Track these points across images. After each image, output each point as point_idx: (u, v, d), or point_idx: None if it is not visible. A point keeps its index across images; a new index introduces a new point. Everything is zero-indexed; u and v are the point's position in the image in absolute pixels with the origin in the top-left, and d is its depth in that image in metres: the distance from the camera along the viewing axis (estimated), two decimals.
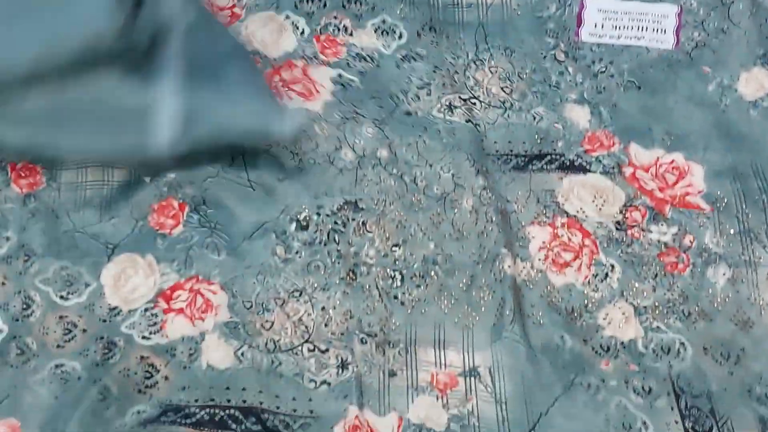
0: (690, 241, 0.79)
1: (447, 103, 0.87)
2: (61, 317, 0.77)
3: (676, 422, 0.72)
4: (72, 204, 0.83)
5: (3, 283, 0.79)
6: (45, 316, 0.77)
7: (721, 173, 0.82)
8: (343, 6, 0.93)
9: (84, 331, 0.77)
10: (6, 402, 0.74)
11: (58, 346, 0.76)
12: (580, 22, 0.90)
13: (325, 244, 0.80)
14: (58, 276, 0.79)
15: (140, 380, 0.74)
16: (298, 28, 0.92)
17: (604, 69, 0.89)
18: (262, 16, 0.92)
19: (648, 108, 0.87)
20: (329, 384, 0.74)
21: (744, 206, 0.81)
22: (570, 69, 0.89)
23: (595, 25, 0.90)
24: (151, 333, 0.76)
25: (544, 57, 0.89)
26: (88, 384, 0.74)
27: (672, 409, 0.73)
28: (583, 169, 0.83)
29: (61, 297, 0.78)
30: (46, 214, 0.82)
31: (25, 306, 0.78)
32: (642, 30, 0.90)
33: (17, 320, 0.77)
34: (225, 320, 0.77)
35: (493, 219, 0.80)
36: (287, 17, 0.92)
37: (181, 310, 0.77)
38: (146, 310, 0.77)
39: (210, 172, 0.83)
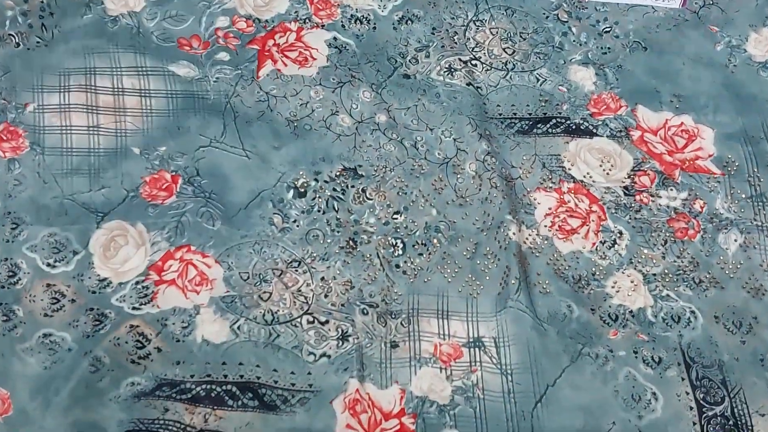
0: (700, 207, 0.79)
1: (447, 66, 0.87)
2: (48, 285, 0.77)
3: (687, 393, 0.72)
4: (59, 170, 0.82)
5: None
6: (32, 283, 0.76)
7: (731, 136, 0.82)
8: None
9: (72, 301, 0.76)
10: None
11: (46, 315, 0.76)
12: None
13: (323, 212, 0.80)
14: (45, 243, 0.78)
15: (132, 350, 0.74)
16: None
17: (609, 29, 0.88)
18: None
19: (655, 69, 0.86)
20: (329, 357, 0.74)
21: (756, 170, 0.81)
22: (574, 29, 0.89)
23: None
24: (141, 304, 0.75)
25: (547, 17, 0.89)
26: (79, 355, 0.74)
27: (683, 379, 0.72)
28: (589, 133, 0.83)
29: (48, 264, 0.77)
30: (33, 180, 0.80)
31: (11, 273, 0.77)
32: None
33: (3, 287, 0.76)
34: (221, 294, 0.76)
35: (497, 185, 0.80)
36: None
37: (172, 282, 0.77)
38: (137, 283, 0.76)
39: (202, 141, 0.83)
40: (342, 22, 0.89)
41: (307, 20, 0.89)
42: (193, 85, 0.86)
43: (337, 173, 0.81)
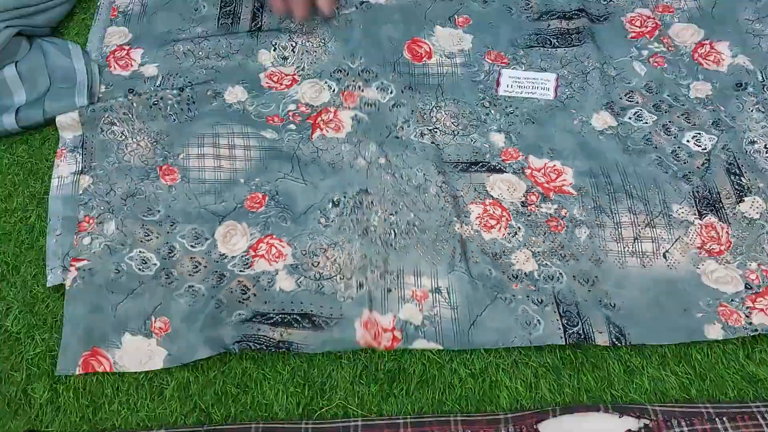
0: (564, 213, 0.79)
1: (420, 132, 0.86)
2: (191, 258, 0.78)
3: (557, 320, 0.72)
4: (198, 191, 0.83)
5: (157, 237, 0.79)
6: (182, 258, 0.78)
7: (583, 173, 0.82)
8: (359, 74, 0.91)
9: (205, 267, 0.77)
10: (160, 307, 0.74)
11: (190, 275, 0.76)
12: (498, 84, 0.89)
13: (349, 215, 0.80)
14: (189, 233, 0.79)
15: (239, 296, 0.75)
16: (330, 88, 0.90)
17: (512, 111, 0.87)
18: (311, 81, 0.91)
19: (539, 134, 0.85)
20: (352, 298, 0.75)
21: (596, 192, 0.80)
22: (492, 111, 0.87)
23: (507, 86, 0.89)
24: (244, 268, 0.77)
25: (477, 105, 0.88)
26: (209, 299, 0.75)
27: (554, 312, 0.73)
28: (501, 171, 0.82)
29: (191, 246, 0.79)
30: (183, 198, 0.82)
31: (169, 251, 0.78)
32: (535, 88, 0.88)
33: (165, 259, 0.78)
34: (290, 263, 0.77)
35: (449, 200, 0.80)
36: (325, 82, 0.91)
37: (262, 256, 0.78)
38: (242, 256, 0.78)
39: (279, 175, 0.84)
40: (360, 105, 0.89)
41: (340, 105, 0.89)
42: (275, 143, 0.86)
43: (356, 192, 0.81)
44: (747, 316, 0.72)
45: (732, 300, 0.73)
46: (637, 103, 0.87)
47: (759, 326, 0.71)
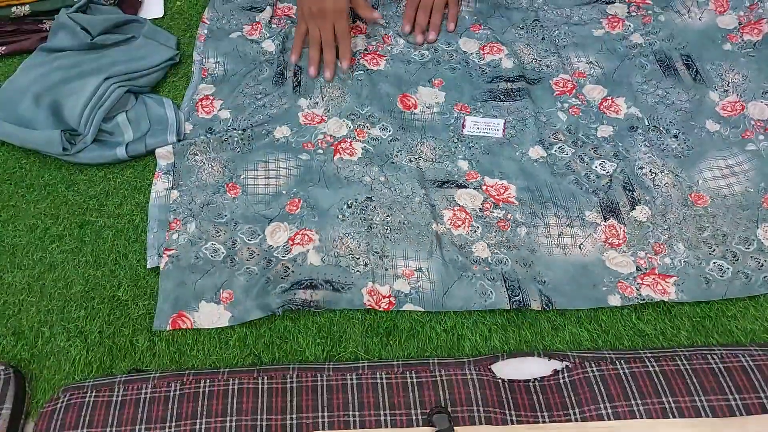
0: (509, 216, 0.78)
1: (409, 159, 0.85)
2: (248, 248, 0.77)
3: (504, 292, 0.71)
4: (252, 202, 0.82)
5: (224, 234, 0.78)
6: (241, 248, 0.77)
7: (522, 189, 0.81)
8: (367, 118, 0.90)
9: (258, 254, 0.77)
10: (226, 283, 0.73)
11: (247, 260, 0.76)
12: (463, 126, 0.88)
13: (358, 215, 0.79)
14: (247, 231, 0.79)
15: (282, 273, 0.74)
16: (347, 125, 0.89)
17: (473, 145, 0.86)
18: (335, 120, 0.90)
19: (492, 162, 0.83)
20: (360, 272, 0.74)
21: (532, 202, 0.79)
22: (459, 145, 0.86)
23: (470, 128, 0.88)
24: (285, 254, 0.76)
25: (448, 141, 0.87)
26: (260, 277, 0.74)
27: (502, 286, 0.72)
28: (465, 187, 0.81)
29: (248, 240, 0.78)
30: (243, 206, 0.81)
31: (232, 243, 0.78)
32: (489, 130, 0.87)
33: (230, 249, 0.77)
34: (316, 245, 0.76)
35: (429, 207, 0.79)
36: (343, 121, 0.90)
37: (298, 243, 0.77)
38: (284, 245, 0.77)
39: (310, 185, 0.82)
40: (367, 139, 0.87)
41: (353, 138, 0.88)
42: (307, 163, 0.85)
43: (363, 199, 0.80)
44: (638, 290, 0.71)
45: (627, 278, 0.72)
46: (561, 140, 0.86)
47: (646, 297, 0.70)
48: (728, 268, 0.71)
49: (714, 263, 0.72)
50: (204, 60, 0.99)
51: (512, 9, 1.03)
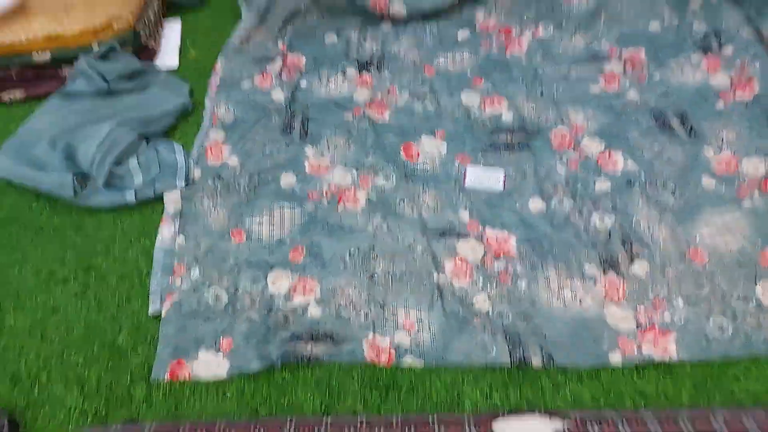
0: (510, 268, 0.77)
1: (411, 208, 0.84)
2: (250, 295, 0.75)
3: (505, 346, 0.69)
4: (256, 248, 0.80)
5: (227, 280, 0.76)
6: (243, 295, 0.75)
7: (523, 240, 0.80)
8: (371, 167, 0.89)
9: (259, 302, 0.75)
10: (226, 331, 0.72)
11: (249, 307, 0.74)
12: (465, 177, 0.88)
13: (360, 264, 0.78)
14: (249, 278, 0.77)
15: (282, 322, 0.73)
16: (352, 174, 0.89)
17: (474, 195, 0.86)
18: (340, 170, 0.89)
19: (493, 213, 0.83)
20: (360, 322, 0.72)
21: (532, 254, 0.78)
22: (461, 197, 0.86)
23: (471, 179, 0.87)
24: (287, 302, 0.74)
25: (450, 191, 0.86)
26: (261, 325, 0.72)
27: (503, 340, 0.70)
28: (467, 237, 0.80)
29: (250, 287, 0.76)
30: (246, 252, 0.80)
31: (235, 290, 0.76)
32: (491, 182, 0.86)
33: (232, 295, 0.75)
34: (317, 296, 0.75)
35: (430, 257, 0.78)
36: (349, 171, 0.89)
37: (300, 292, 0.75)
38: (286, 294, 0.75)
39: (314, 234, 0.81)
40: (371, 188, 0.87)
41: (358, 187, 0.87)
42: (312, 211, 0.84)
43: (366, 248, 0.79)
44: (638, 347, 0.69)
45: (628, 334, 0.70)
46: (560, 193, 0.85)
47: (647, 356, 0.68)
48: (728, 327, 0.69)
49: (714, 321, 0.70)
50: (215, 107, 0.99)
51: (512, 65, 1.04)
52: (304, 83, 1.03)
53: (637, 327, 0.70)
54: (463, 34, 1.11)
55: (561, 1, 1.09)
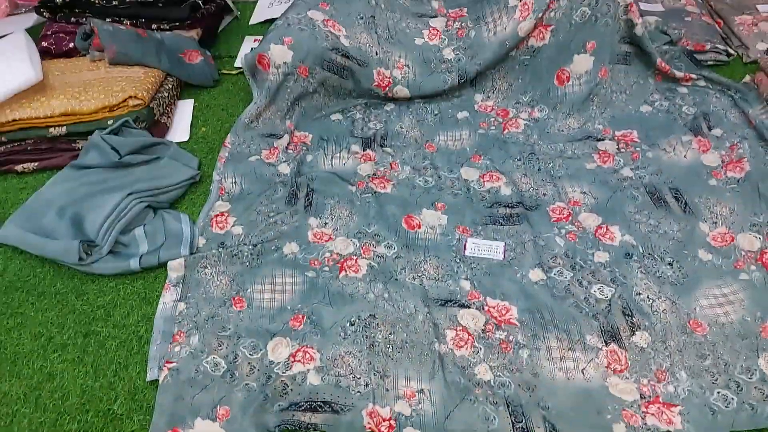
0: (511, 338, 0.80)
1: (412, 277, 0.88)
2: (249, 363, 0.78)
3: (508, 417, 0.71)
4: (257, 316, 0.84)
5: (227, 347, 0.79)
6: (242, 363, 0.78)
7: (523, 310, 0.83)
8: (373, 237, 0.95)
9: (258, 370, 0.78)
10: (223, 399, 0.74)
11: (247, 376, 0.77)
12: (465, 248, 0.92)
13: (361, 332, 0.81)
14: (249, 345, 0.80)
15: (281, 390, 0.75)
16: (354, 244, 0.94)
17: (475, 266, 0.90)
18: (342, 239, 0.94)
19: (493, 283, 0.87)
20: (361, 393, 0.74)
21: (533, 324, 0.81)
22: (462, 266, 0.90)
23: (471, 249, 0.91)
24: (286, 370, 0.77)
25: (451, 261, 0.90)
26: (259, 393, 0.75)
27: (505, 411, 0.72)
28: (468, 307, 0.83)
29: (250, 354, 0.79)
30: (247, 319, 0.83)
31: (234, 357, 0.79)
32: (489, 252, 0.91)
33: (231, 363, 0.78)
34: (317, 364, 0.77)
35: (432, 327, 0.81)
36: (351, 240, 0.94)
37: (299, 360, 0.78)
38: (285, 362, 0.78)
39: (314, 302, 0.85)
40: (373, 257, 0.91)
41: (359, 256, 0.91)
42: (313, 280, 0.88)
43: (367, 316, 0.82)
44: (643, 419, 0.71)
45: (631, 406, 0.72)
46: (559, 264, 0.90)
47: (652, 426, 0.70)
48: (733, 399, 0.72)
49: (718, 393, 0.73)
50: (222, 180, 1.07)
51: (510, 143, 1.14)
52: (309, 158, 1.12)
53: (641, 398, 0.73)
54: (462, 115, 1.22)
55: (555, 87, 1.21)
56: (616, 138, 1.14)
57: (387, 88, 1.22)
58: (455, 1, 1.34)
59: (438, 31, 1.29)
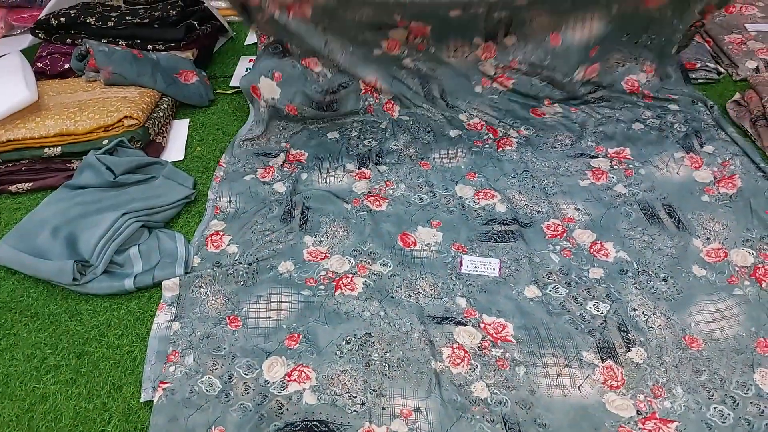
0: (508, 355, 0.81)
1: (408, 294, 0.89)
2: (244, 383, 0.79)
3: None
4: (252, 335, 0.85)
5: (222, 367, 0.80)
6: (237, 382, 0.79)
7: (519, 327, 0.84)
8: (368, 254, 0.96)
9: (253, 389, 0.78)
10: (218, 419, 0.74)
11: (242, 395, 0.77)
12: (461, 265, 0.93)
13: (357, 351, 0.81)
14: (244, 365, 0.81)
15: (276, 410, 0.75)
16: (350, 262, 0.95)
17: (471, 283, 0.90)
18: (338, 257, 0.96)
19: (489, 300, 0.88)
20: (357, 411, 0.75)
21: (530, 341, 0.82)
22: (458, 283, 0.90)
23: (467, 266, 0.93)
24: (281, 389, 0.77)
25: (447, 278, 0.91)
26: (254, 413, 0.75)
27: (503, 429, 0.73)
28: (464, 324, 0.84)
29: (245, 374, 0.80)
30: (242, 338, 0.83)
31: (229, 377, 0.79)
32: (485, 269, 0.92)
33: (226, 383, 0.79)
34: (313, 384, 0.78)
35: (428, 344, 0.82)
36: (347, 258, 0.96)
37: (295, 379, 0.79)
38: (281, 381, 0.79)
39: (310, 320, 0.86)
40: (368, 275, 0.92)
41: (355, 274, 0.93)
42: (308, 298, 0.89)
43: (362, 335, 0.83)
44: None
45: (628, 422, 0.73)
46: (554, 281, 0.91)
47: None
48: (729, 414, 0.73)
49: (714, 408, 0.74)
50: (218, 199, 1.09)
51: (504, 160, 1.16)
52: (304, 176, 1.14)
53: (638, 414, 0.74)
54: (455, 132, 1.25)
55: (531, 116, 1.26)
56: (609, 155, 1.16)
57: (380, 110, 1.24)
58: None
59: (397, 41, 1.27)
